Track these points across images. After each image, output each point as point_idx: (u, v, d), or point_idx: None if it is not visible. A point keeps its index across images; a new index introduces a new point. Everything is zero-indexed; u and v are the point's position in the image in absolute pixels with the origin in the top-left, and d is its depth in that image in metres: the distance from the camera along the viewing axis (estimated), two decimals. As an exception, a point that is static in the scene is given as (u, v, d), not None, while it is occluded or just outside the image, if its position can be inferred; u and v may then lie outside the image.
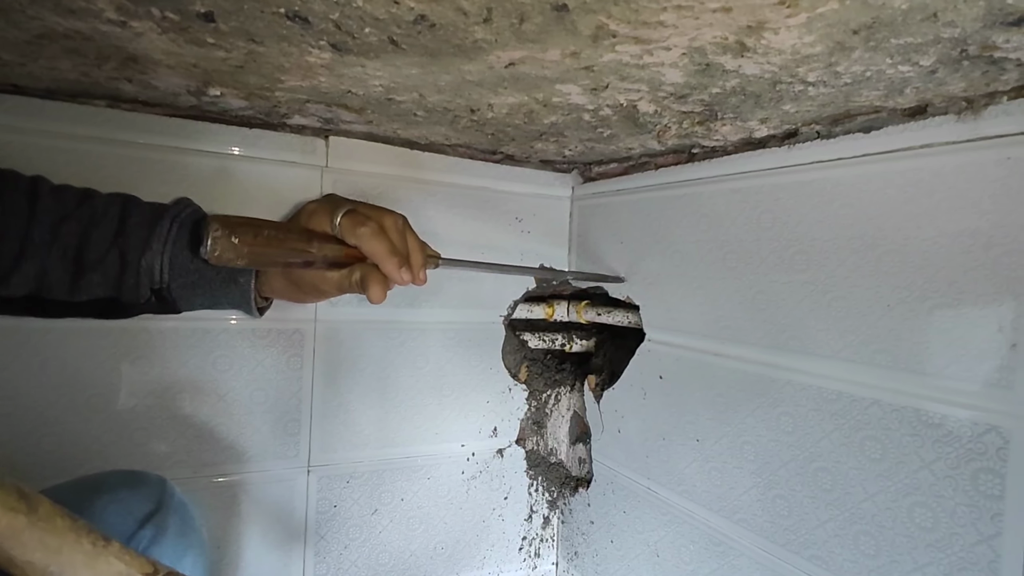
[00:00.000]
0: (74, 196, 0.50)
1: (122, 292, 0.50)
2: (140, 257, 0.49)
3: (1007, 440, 0.44)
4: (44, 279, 0.49)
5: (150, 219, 0.50)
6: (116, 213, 0.50)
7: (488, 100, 0.58)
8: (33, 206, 0.48)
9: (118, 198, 0.52)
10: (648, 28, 0.38)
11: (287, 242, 0.46)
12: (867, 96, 0.49)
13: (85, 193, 0.51)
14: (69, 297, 0.50)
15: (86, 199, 0.50)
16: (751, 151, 0.66)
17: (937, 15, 0.33)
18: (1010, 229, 0.44)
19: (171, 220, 0.50)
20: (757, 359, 0.64)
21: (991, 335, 0.45)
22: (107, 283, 0.50)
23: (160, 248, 0.49)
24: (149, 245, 0.49)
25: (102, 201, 0.50)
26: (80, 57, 0.52)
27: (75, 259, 0.48)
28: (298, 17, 0.40)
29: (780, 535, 0.61)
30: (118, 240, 0.49)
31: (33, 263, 0.48)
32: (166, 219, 0.50)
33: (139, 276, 0.49)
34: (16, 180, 0.50)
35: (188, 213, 0.52)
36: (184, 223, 0.51)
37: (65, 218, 0.49)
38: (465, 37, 0.42)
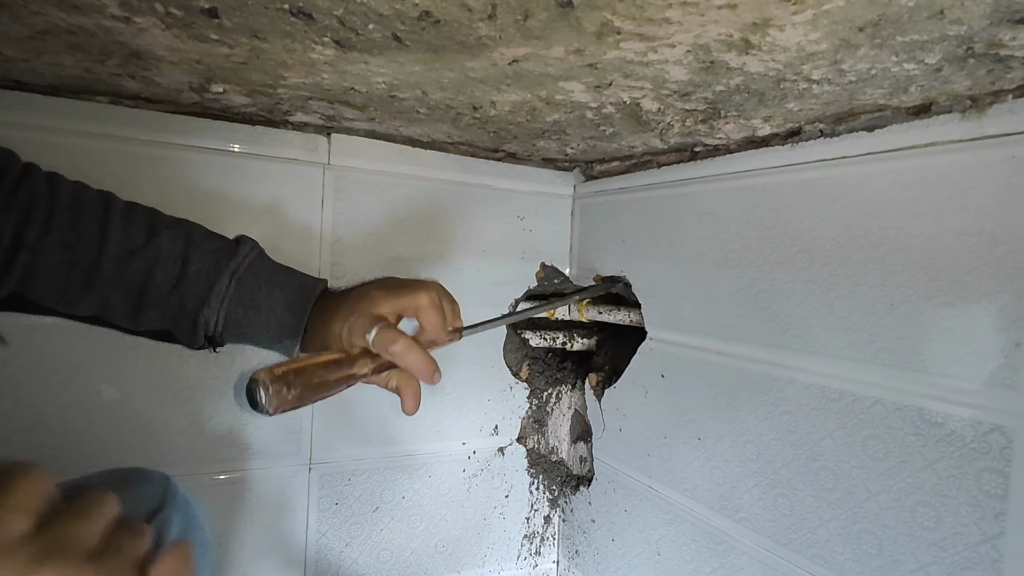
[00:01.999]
0: (142, 229, 0.52)
1: (177, 332, 0.53)
2: (199, 311, 0.51)
3: (1011, 440, 0.44)
4: (108, 309, 0.51)
5: (210, 270, 0.52)
6: (180, 254, 0.52)
7: (491, 97, 0.58)
8: (104, 237, 0.50)
9: (183, 233, 0.53)
10: (653, 25, 0.38)
11: (331, 376, 0.48)
12: (871, 94, 0.49)
13: (153, 224, 0.53)
14: (130, 326, 0.53)
15: (153, 234, 0.52)
16: (754, 149, 0.66)
17: (944, 12, 0.33)
18: (1014, 228, 0.44)
19: (230, 277, 0.52)
20: (759, 358, 0.64)
21: (995, 334, 0.45)
22: (165, 321, 0.52)
23: (218, 306, 0.52)
24: (208, 302, 0.51)
25: (167, 237, 0.52)
26: (83, 53, 0.52)
27: (138, 296, 0.51)
28: (302, 13, 0.40)
29: (782, 534, 0.61)
30: (179, 287, 0.51)
31: (100, 294, 0.50)
32: (225, 276, 0.52)
33: (195, 327, 0.52)
34: (89, 205, 0.51)
35: (247, 265, 0.54)
36: (242, 277, 0.53)
37: (133, 254, 0.50)
38: (469, 33, 0.42)
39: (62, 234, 0.48)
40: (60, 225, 0.48)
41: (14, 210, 0.47)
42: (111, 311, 0.51)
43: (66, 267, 0.48)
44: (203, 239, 0.54)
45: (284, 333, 0.53)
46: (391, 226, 0.83)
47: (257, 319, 0.53)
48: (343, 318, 0.51)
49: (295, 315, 0.53)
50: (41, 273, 0.48)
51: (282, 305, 0.53)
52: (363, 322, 0.50)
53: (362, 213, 0.81)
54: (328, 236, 0.79)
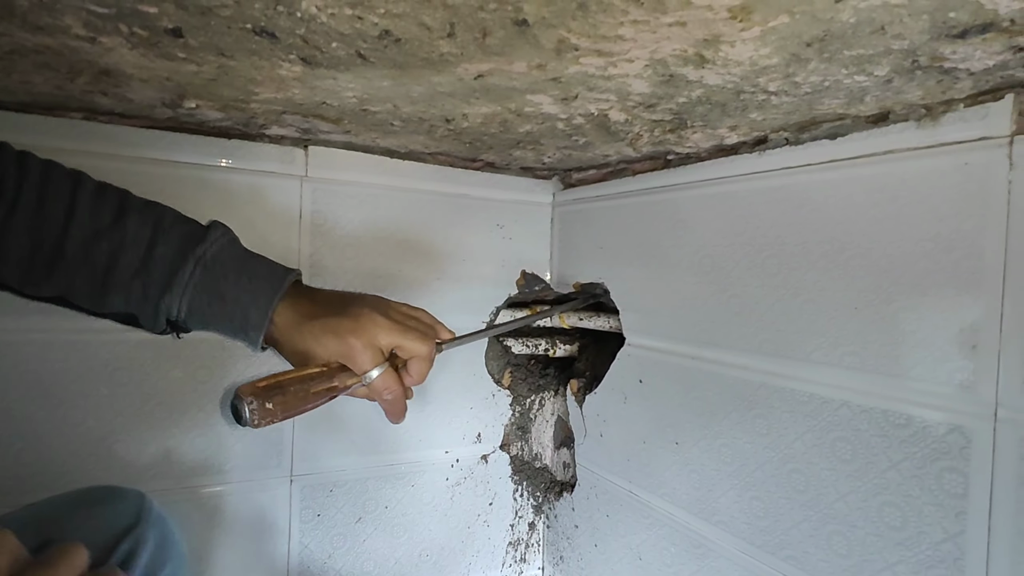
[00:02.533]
0: (110, 210, 0.51)
1: (141, 317, 0.52)
2: (160, 297, 0.50)
3: (969, 440, 0.45)
4: (72, 291, 0.50)
5: (175, 256, 0.50)
6: (146, 238, 0.50)
7: (462, 110, 0.59)
8: (70, 218, 0.49)
9: (152, 216, 0.52)
10: (608, 42, 0.39)
11: (313, 390, 0.48)
12: (829, 104, 0.50)
13: (121, 206, 0.51)
14: (94, 308, 0.52)
15: (121, 216, 0.50)
16: (724, 157, 0.67)
17: (885, 28, 0.34)
18: (968, 233, 0.46)
19: (195, 263, 0.50)
20: (733, 362, 0.65)
21: (953, 337, 0.46)
22: (128, 305, 0.51)
23: (180, 292, 0.50)
24: (170, 288, 0.50)
25: (135, 220, 0.51)
26: (52, 71, 0.52)
27: (102, 279, 0.50)
28: (265, 32, 0.41)
29: (757, 536, 0.62)
30: (142, 271, 0.50)
31: (64, 276, 0.49)
32: (190, 262, 0.50)
33: (157, 312, 0.50)
34: (57, 185, 0.50)
35: (214, 252, 0.52)
36: (208, 264, 0.51)
37: (97, 235, 0.49)
38: (431, 51, 0.42)
39: (27, 215, 0.47)
40: (26, 206, 0.48)
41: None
42: (75, 293, 0.50)
43: (30, 248, 0.48)
44: (173, 223, 0.53)
45: (249, 325, 0.51)
46: (370, 237, 0.84)
47: (221, 309, 0.51)
48: (332, 330, 0.50)
49: (261, 307, 0.51)
50: (6, 257, 0.47)
51: (247, 295, 0.51)
52: (362, 351, 0.49)
53: (341, 224, 0.81)
54: (307, 248, 0.79)
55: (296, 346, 0.52)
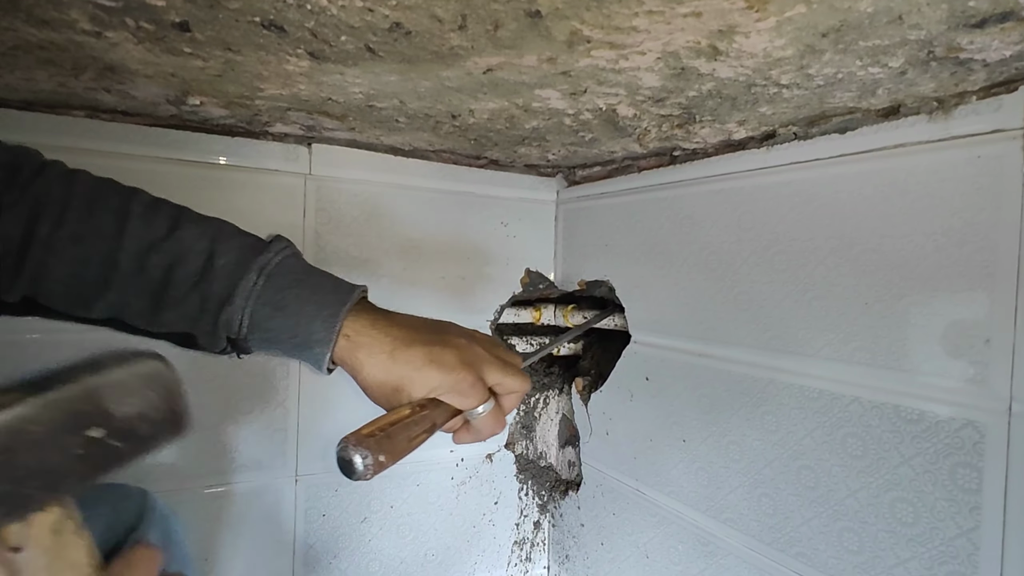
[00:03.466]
0: (165, 220, 0.48)
1: (198, 334, 0.48)
2: (220, 310, 0.46)
3: (983, 435, 0.45)
4: (125, 309, 0.47)
5: (236, 266, 0.47)
6: (204, 249, 0.47)
7: (469, 106, 0.58)
8: (122, 231, 0.46)
9: (210, 228, 0.49)
10: (622, 33, 0.38)
11: (415, 434, 0.46)
12: (840, 97, 0.49)
13: (177, 218, 0.48)
14: (148, 328, 0.48)
15: (176, 227, 0.47)
16: (731, 153, 0.67)
17: (902, 18, 0.34)
18: (981, 227, 0.45)
19: (258, 272, 0.47)
20: (740, 359, 0.65)
21: (965, 331, 0.46)
22: (185, 322, 0.48)
23: (243, 304, 0.46)
24: (231, 299, 0.46)
25: (192, 232, 0.48)
26: (56, 68, 0.51)
27: (157, 294, 0.46)
28: (274, 26, 0.40)
29: (766, 533, 0.61)
30: (201, 284, 0.46)
31: (116, 292, 0.46)
32: (253, 271, 0.47)
33: (216, 327, 0.47)
34: (108, 198, 0.47)
35: (278, 262, 0.49)
36: (272, 274, 0.48)
37: (152, 247, 0.46)
38: (441, 44, 0.42)
39: (75, 228, 0.45)
40: (73, 219, 0.45)
41: (26, 206, 0.44)
42: (128, 311, 0.47)
43: (80, 263, 0.45)
44: (232, 235, 0.50)
45: (313, 339, 0.47)
46: (375, 235, 0.83)
47: (285, 322, 0.47)
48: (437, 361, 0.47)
49: (326, 320, 0.48)
50: (55, 270, 0.45)
51: (312, 307, 0.48)
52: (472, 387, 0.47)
53: (345, 222, 0.81)
54: (311, 246, 0.79)
55: (386, 374, 0.47)
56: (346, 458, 0.41)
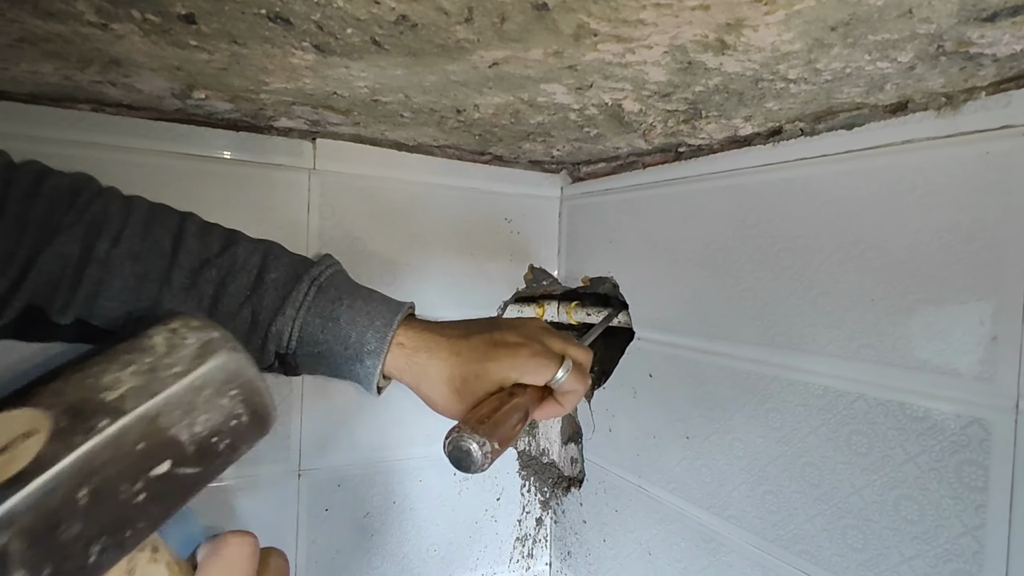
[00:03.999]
0: (219, 239, 0.48)
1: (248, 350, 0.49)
2: (271, 321, 0.46)
3: (989, 432, 0.45)
4: None
5: (287, 279, 0.47)
6: (256, 264, 0.48)
7: (474, 100, 0.58)
8: (177, 248, 0.46)
9: (261, 246, 0.49)
10: (629, 27, 0.38)
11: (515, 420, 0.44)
12: (848, 93, 0.49)
13: (230, 237, 0.49)
14: None
15: (230, 244, 0.48)
16: (736, 149, 0.66)
17: (912, 11, 0.34)
18: (989, 223, 0.45)
19: (310, 283, 0.47)
20: (745, 356, 0.65)
21: (973, 328, 0.46)
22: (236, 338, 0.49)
23: (293, 314, 0.46)
24: (283, 310, 0.46)
25: (244, 248, 0.48)
26: (62, 60, 0.51)
27: (209, 308, 0.46)
28: (279, 18, 0.40)
29: (770, 531, 0.61)
30: (252, 297, 0.47)
31: (170, 307, 0.46)
32: (304, 282, 0.47)
33: (266, 340, 0.47)
34: (164, 218, 0.48)
35: (328, 275, 0.49)
36: (323, 286, 0.48)
37: (206, 263, 0.47)
38: (447, 37, 0.42)
39: (132, 245, 0.45)
40: (131, 237, 0.45)
41: (84, 225, 0.44)
42: None
43: (136, 279, 0.45)
44: (282, 252, 0.50)
45: (364, 351, 0.47)
46: (378, 230, 0.83)
47: (336, 333, 0.47)
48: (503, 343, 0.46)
49: (379, 331, 0.47)
50: (111, 287, 0.45)
51: (365, 318, 0.47)
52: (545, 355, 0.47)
53: (349, 218, 0.81)
54: (315, 241, 0.79)
55: (452, 369, 0.46)
56: (464, 448, 0.40)
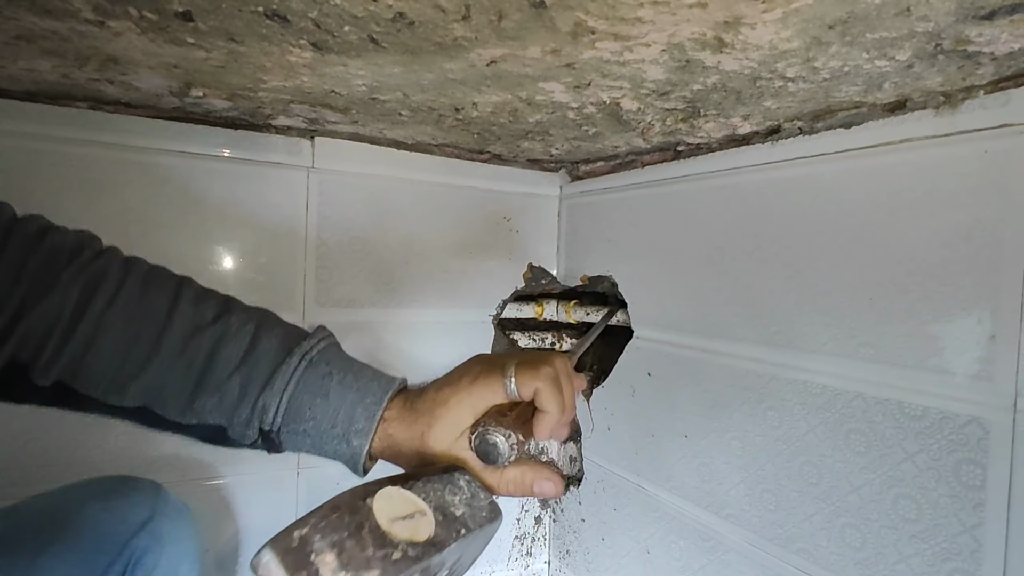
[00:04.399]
0: (213, 307, 0.47)
1: (232, 425, 0.47)
2: (258, 395, 0.45)
3: (987, 431, 0.45)
4: (161, 393, 0.46)
5: (278, 351, 0.47)
6: (248, 334, 0.47)
7: (472, 99, 0.58)
8: (172, 313, 0.46)
9: (256, 315, 0.49)
10: (626, 24, 0.38)
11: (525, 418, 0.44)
12: (847, 91, 0.49)
13: (225, 306, 0.48)
14: (179, 418, 0.47)
15: (224, 313, 0.47)
16: (735, 148, 0.66)
17: (910, 9, 0.34)
18: (988, 222, 0.45)
19: (300, 357, 0.46)
20: (744, 354, 0.65)
21: (971, 327, 0.46)
22: (221, 411, 0.47)
23: (282, 388, 0.46)
24: (271, 384, 0.45)
25: (238, 318, 0.47)
26: (59, 58, 0.51)
27: (197, 379, 0.46)
28: (277, 16, 0.40)
29: (768, 529, 0.61)
30: (242, 368, 0.46)
31: (155, 373, 0.45)
32: (295, 355, 0.46)
33: (252, 413, 0.46)
34: (161, 282, 0.47)
35: (320, 349, 0.48)
36: (314, 361, 0.47)
37: (199, 330, 0.46)
38: (445, 35, 0.42)
39: (127, 307, 0.45)
40: (126, 299, 0.45)
41: (81, 284, 0.43)
42: (164, 397, 0.46)
43: (127, 342, 0.44)
44: (276, 323, 0.49)
45: (353, 430, 0.46)
46: (377, 229, 0.83)
47: (324, 410, 0.46)
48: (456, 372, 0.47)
49: (368, 409, 0.46)
50: (101, 348, 0.44)
51: (354, 395, 0.47)
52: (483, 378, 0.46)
53: (347, 216, 0.81)
54: (313, 239, 0.79)
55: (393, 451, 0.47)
56: (491, 441, 0.41)
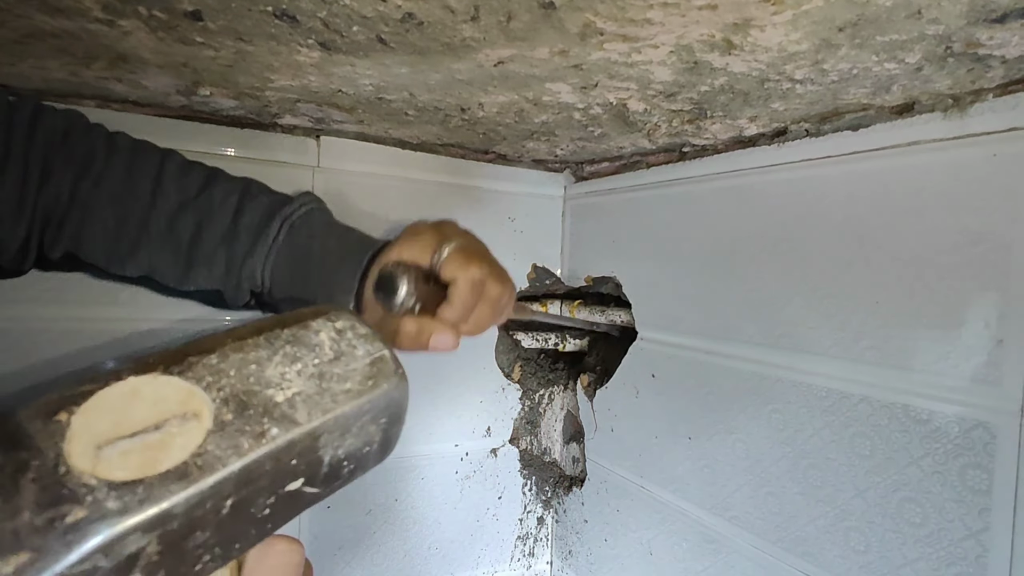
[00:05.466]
0: (196, 181, 0.49)
1: (226, 290, 0.49)
2: (243, 262, 0.47)
3: (994, 436, 0.45)
4: (157, 267, 0.49)
5: (260, 220, 0.48)
6: (232, 207, 0.48)
7: (478, 99, 0.58)
8: (156, 192, 0.47)
9: (239, 185, 0.50)
10: (635, 26, 0.38)
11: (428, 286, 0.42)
12: (854, 94, 0.49)
13: (209, 178, 0.49)
14: (178, 285, 0.50)
15: (207, 186, 0.48)
16: (741, 149, 0.66)
17: (921, 12, 0.34)
18: (996, 226, 0.45)
19: (281, 222, 0.47)
20: (748, 356, 0.64)
21: (978, 331, 0.46)
22: (212, 279, 0.49)
23: (264, 254, 0.47)
24: (252, 251, 0.47)
25: (221, 190, 0.48)
26: (68, 56, 0.51)
27: (186, 254, 0.48)
28: (286, 15, 0.40)
29: (771, 532, 0.61)
30: (226, 239, 0.47)
31: (147, 252, 0.48)
32: (276, 220, 0.47)
33: (240, 280, 0.47)
34: (145, 159, 0.48)
35: (302, 214, 0.48)
36: (296, 225, 0.48)
37: (183, 207, 0.47)
38: (453, 35, 0.42)
39: (112, 187, 0.46)
40: (112, 179, 0.46)
41: (72, 166, 0.45)
42: (160, 270, 0.48)
43: (115, 222, 0.46)
44: (259, 191, 0.50)
45: (336, 287, 0.46)
46: (382, 228, 0.83)
47: (307, 269, 0.47)
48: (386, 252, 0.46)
49: (350, 266, 0.46)
50: (92, 229, 0.46)
51: (334, 256, 0.47)
52: (423, 236, 0.45)
53: (352, 216, 0.80)
54: (318, 238, 0.79)
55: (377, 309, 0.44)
56: (389, 273, 0.39)
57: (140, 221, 0.47)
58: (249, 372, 0.23)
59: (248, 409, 0.21)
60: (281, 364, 0.23)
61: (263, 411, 0.22)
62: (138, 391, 0.20)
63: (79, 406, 0.19)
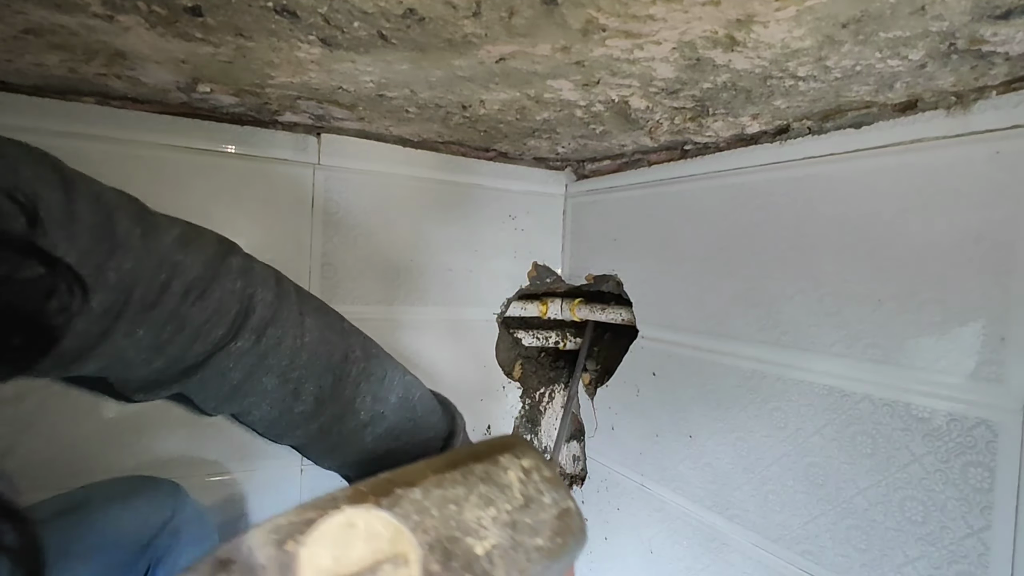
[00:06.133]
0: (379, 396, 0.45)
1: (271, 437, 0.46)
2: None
3: (996, 434, 0.44)
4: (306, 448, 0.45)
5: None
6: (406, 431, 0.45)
7: (480, 96, 0.58)
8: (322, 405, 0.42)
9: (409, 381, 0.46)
10: (638, 22, 0.38)
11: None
12: (857, 91, 0.49)
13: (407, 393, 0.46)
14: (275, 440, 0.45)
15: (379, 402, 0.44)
16: (743, 147, 0.66)
17: (925, 8, 0.34)
18: (999, 223, 0.45)
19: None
20: (750, 355, 0.64)
21: (980, 329, 0.46)
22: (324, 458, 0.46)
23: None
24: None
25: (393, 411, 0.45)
26: (67, 53, 0.51)
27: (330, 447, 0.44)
28: (286, 11, 0.40)
29: (772, 530, 0.61)
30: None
31: (300, 439, 0.44)
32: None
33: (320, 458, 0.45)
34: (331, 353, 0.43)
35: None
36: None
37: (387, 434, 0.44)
38: (455, 31, 0.41)
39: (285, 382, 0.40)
40: (297, 378, 0.40)
41: (254, 356, 0.38)
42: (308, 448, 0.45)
43: (281, 412, 0.41)
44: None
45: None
46: (382, 226, 0.83)
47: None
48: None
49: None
50: (257, 414, 0.41)
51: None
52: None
53: (353, 213, 0.81)
54: (318, 236, 0.79)
55: None
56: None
57: (293, 426, 0.42)
58: (450, 514, 0.24)
59: (452, 560, 0.23)
60: (477, 507, 0.25)
61: (465, 565, 0.23)
62: (353, 523, 0.22)
63: (304, 535, 0.21)
